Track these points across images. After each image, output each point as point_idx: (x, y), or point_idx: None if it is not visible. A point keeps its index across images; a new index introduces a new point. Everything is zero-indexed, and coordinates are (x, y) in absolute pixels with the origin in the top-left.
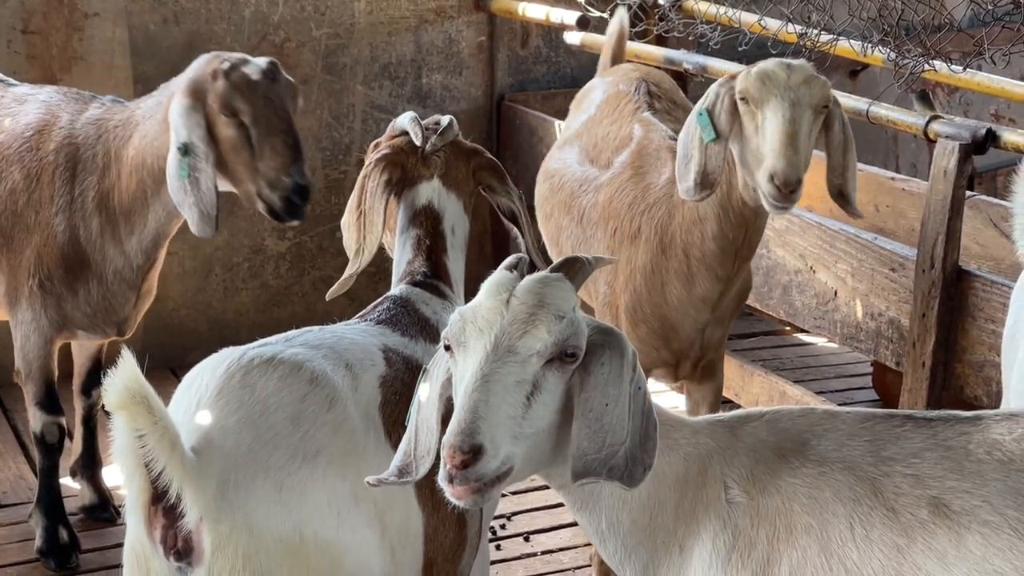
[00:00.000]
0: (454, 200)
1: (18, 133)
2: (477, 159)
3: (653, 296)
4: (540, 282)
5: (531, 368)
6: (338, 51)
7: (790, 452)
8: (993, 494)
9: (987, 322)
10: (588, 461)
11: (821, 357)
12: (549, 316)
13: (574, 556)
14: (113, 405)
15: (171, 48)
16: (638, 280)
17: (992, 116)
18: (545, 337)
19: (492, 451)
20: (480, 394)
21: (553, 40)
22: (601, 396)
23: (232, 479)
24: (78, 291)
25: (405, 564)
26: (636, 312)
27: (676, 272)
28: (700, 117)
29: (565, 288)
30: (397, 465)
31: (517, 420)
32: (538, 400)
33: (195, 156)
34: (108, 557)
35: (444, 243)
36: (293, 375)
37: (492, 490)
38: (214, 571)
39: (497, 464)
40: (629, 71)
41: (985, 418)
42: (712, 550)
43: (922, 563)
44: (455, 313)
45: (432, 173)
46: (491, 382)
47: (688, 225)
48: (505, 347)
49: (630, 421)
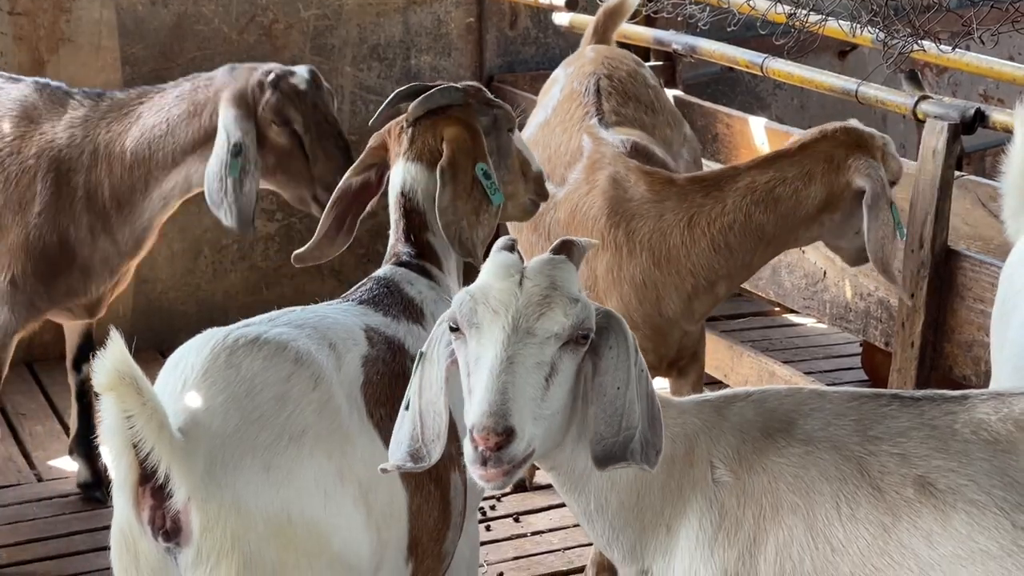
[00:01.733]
0: (427, 175)
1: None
2: (448, 129)
3: (645, 307)
4: (549, 264)
5: (549, 350)
6: (326, 32)
7: (777, 432)
8: (979, 473)
9: (976, 302)
10: (607, 445)
11: (810, 337)
12: (564, 298)
13: (564, 537)
14: (102, 386)
15: (159, 29)
16: (626, 290)
17: (981, 96)
18: (562, 320)
19: (521, 433)
20: (508, 376)
21: (542, 21)
22: (613, 379)
23: (220, 459)
24: (57, 284)
25: (391, 543)
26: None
27: (676, 288)
28: None
29: (572, 270)
30: (407, 451)
31: (538, 402)
32: (555, 382)
33: (246, 159)
34: (97, 539)
35: (423, 219)
36: (278, 355)
37: (518, 472)
38: (202, 551)
39: (525, 445)
40: (585, 63)
41: (971, 398)
42: (699, 529)
43: (908, 541)
44: (463, 293)
45: (400, 151)
46: (515, 363)
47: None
48: (524, 329)
49: (639, 404)
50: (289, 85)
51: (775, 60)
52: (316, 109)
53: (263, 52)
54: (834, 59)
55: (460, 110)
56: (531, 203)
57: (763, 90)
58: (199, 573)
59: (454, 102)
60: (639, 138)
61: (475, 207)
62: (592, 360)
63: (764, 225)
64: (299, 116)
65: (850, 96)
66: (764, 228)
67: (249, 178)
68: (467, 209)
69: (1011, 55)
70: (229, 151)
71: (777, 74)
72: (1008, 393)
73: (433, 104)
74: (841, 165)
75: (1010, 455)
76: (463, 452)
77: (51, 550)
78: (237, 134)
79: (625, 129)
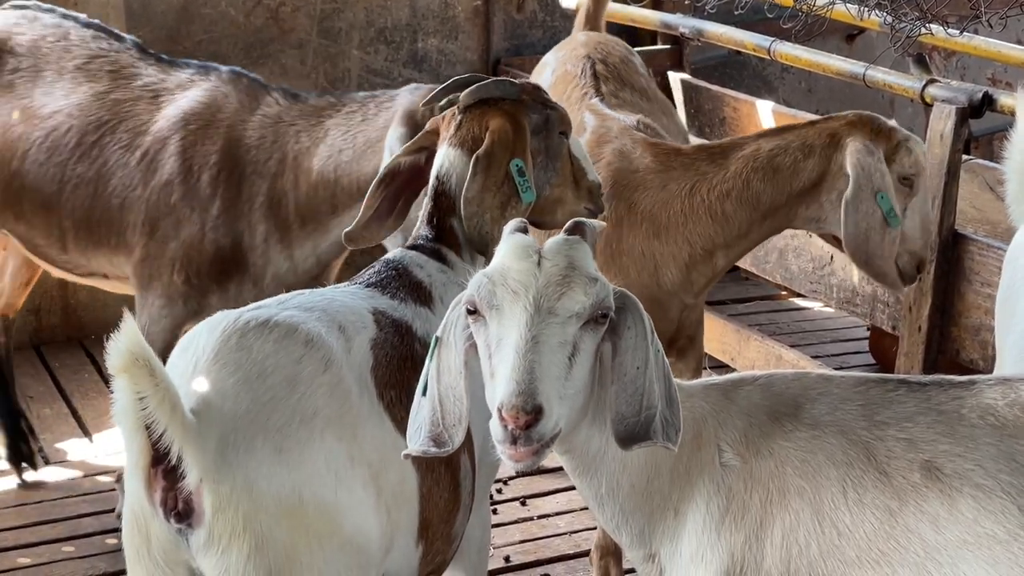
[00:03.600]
0: (464, 161)
1: (179, 123)
2: (494, 120)
3: (643, 278)
4: (566, 244)
5: (571, 329)
6: (333, 15)
7: (783, 416)
8: (985, 458)
9: (983, 286)
10: (629, 425)
11: (817, 321)
12: (583, 278)
13: (570, 520)
14: (115, 368)
15: (166, 13)
16: (624, 262)
17: (989, 80)
18: (583, 299)
19: (549, 411)
20: (534, 355)
21: (549, 4)
22: (632, 359)
23: (232, 440)
24: (228, 288)
25: (401, 525)
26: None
27: (674, 257)
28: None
29: (587, 250)
30: (427, 435)
31: (562, 381)
32: (577, 361)
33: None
34: (105, 521)
35: (452, 204)
36: (289, 337)
37: (547, 451)
38: (215, 532)
39: (553, 424)
40: (578, 47)
41: (978, 383)
42: (706, 513)
43: (914, 526)
44: (480, 276)
45: (447, 136)
46: (540, 343)
47: (705, 221)
48: (546, 309)
49: (658, 384)
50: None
51: (782, 44)
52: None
53: (270, 35)
54: (842, 43)
55: (511, 104)
56: (587, 212)
57: (770, 74)
58: (210, 554)
59: (508, 96)
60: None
61: (503, 202)
62: (611, 340)
63: (760, 194)
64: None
65: (858, 80)
66: (760, 197)
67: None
68: (494, 203)
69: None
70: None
71: (784, 57)
72: (1015, 378)
73: (486, 94)
74: (840, 144)
75: (1017, 440)
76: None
77: (59, 532)
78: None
79: (626, 111)
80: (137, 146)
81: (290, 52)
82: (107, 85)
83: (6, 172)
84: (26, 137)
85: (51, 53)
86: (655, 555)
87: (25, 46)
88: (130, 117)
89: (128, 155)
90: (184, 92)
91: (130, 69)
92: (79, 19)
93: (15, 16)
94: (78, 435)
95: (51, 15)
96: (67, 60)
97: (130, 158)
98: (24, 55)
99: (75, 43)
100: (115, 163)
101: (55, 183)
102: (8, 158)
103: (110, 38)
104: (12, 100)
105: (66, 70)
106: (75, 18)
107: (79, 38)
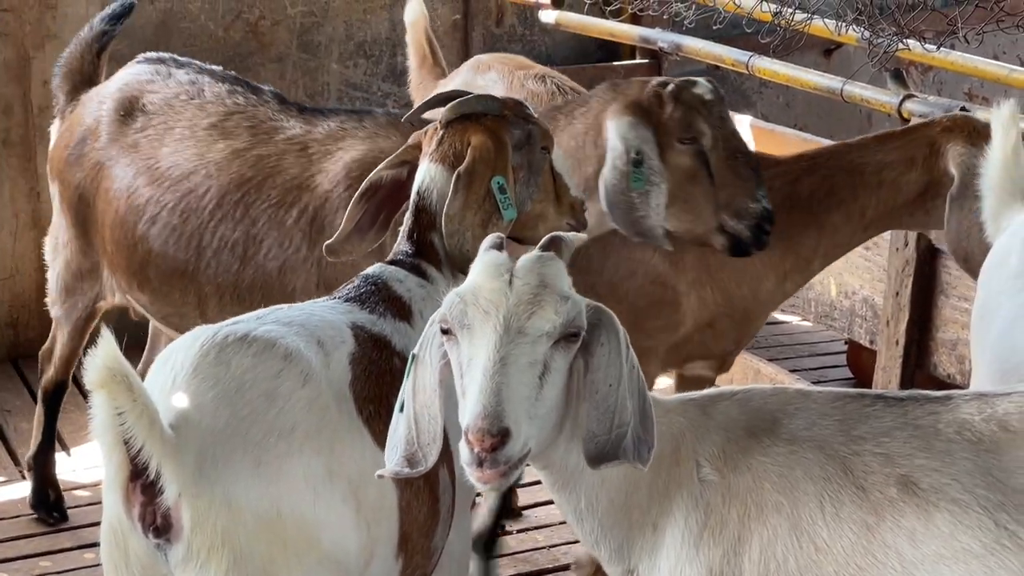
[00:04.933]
0: (445, 177)
1: (342, 176)
2: (475, 136)
3: (743, 291)
4: (538, 261)
5: (541, 349)
6: (313, 29)
7: (761, 431)
8: (962, 473)
9: (960, 300)
10: (600, 443)
11: (795, 336)
12: (554, 297)
13: (548, 534)
14: (93, 383)
15: (145, 26)
16: (723, 277)
17: (965, 95)
18: (553, 318)
19: (516, 433)
20: (501, 376)
21: (528, 19)
22: (605, 377)
23: (210, 455)
24: None
25: (381, 539)
26: (718, 307)
27: (774, 268)
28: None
29: (560, 267)
30: (403, 455)
31: (532, 401)
32: (548, 380)
33: (651, 168)
34: (83, 536)
35: (432, 220)
36: (267, 351)
37: (515, 472)
38: (193, 547)
39: (520, 445)
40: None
41: (955, 398)
42: (684, 528)
43: (891, 540)
44: (452, 295)
45: (428, 151)
46: (508, 364)
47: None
48: (515, 329)
49: (631, 401)
50: (693, 96)
51: (761, 58)
52: (724, 123)
53: (249, 49)
54: (820, 57)
55: (493, 120)
56: (569, 228)
57: (749, 88)
58: (189, 569)
59: (490, 111)
60: None
61: (484, 219)
62: (584, 357)
63: (866, 208)
64: (708, 130)
65: (835, 95)
66: (866, 211)
67: (656, 190)
68: (475, 220)
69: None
70: (630, 161)
71: (763, 72)
72: (992, 393)
73: (468, 109)
74: (940, 151)
75: (993, 455)
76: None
77: (36, 547)
78: (636, 143)
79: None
80: (292, 203)
81: (269, 66)
82: (247, 141)
83: (131, 238)
84: (156, 200)
85: (184, 111)
86: (634, 570)
87: (157, 104)
88: (277, 173)
89: (282, 213)
90: (338, 143)
91: (270, 123)
92: (215, 72)
93: (148, 71)
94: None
95: (186, 71)
96: (201, 118)
97: (285, 217)
98: (155, 113)
99: (210, 100)
100: (266, 223)
101: (192, 248)
102: (133, 223)
103: (247, 91)
104: (137, 161)
105: (199, 127)
106: (211, 72)
107: (214, 94)
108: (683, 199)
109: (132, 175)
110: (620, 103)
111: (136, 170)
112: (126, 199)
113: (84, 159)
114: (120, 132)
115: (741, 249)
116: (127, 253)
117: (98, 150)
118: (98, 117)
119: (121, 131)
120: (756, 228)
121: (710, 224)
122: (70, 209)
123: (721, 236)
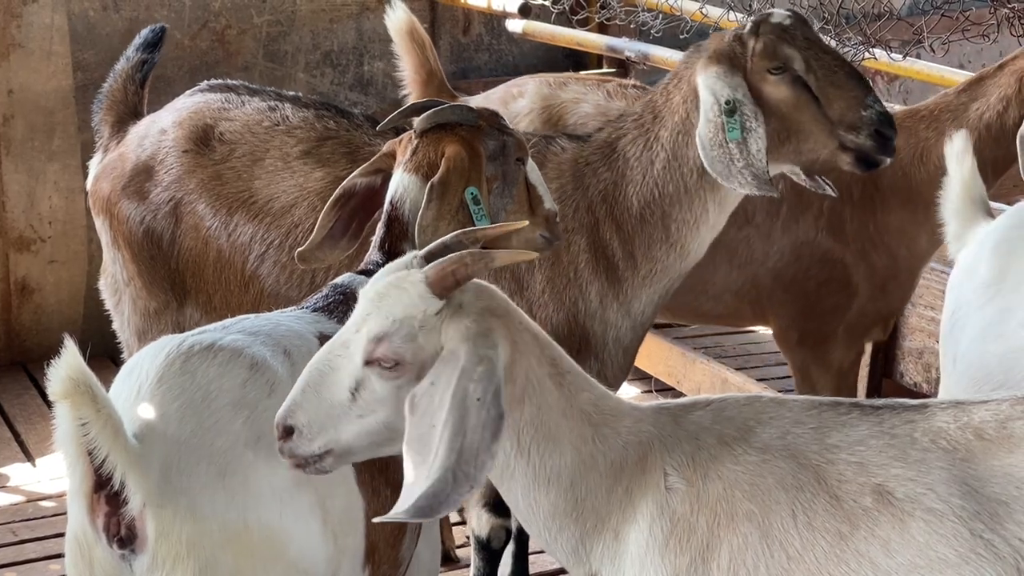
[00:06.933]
0: (418, 187)
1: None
2: (449, 146)
3: (902, 251)
4: (388, 281)
5: (352, 364)
6: (279, 38)
7: (733, 439)
8: (937, 482)
9: (927, 309)
10: (416, 496)
11: (763, 344)
12: (379, 317)
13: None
14: (56, 394)
15: (111, 35)
16: (888, 240)
17: None
18: (361, 338)
19: (308, 433)
20: (309, 378)
21: (495, 28)
22: (428, 418)
23: (176, 465)
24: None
25: (348, 549)
26: (887, 271)
27: (922, 224)
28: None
29: (414, 286)
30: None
31: (341, 408)
32: (363, 397)
33: (744, 115)
34: (48, 547)
35: (405, 230)
36: (233, 361)
37: (320, 465)
38: (158, 557)
39: (315, 447)
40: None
41: (931, 406)
42: (648, 535)
43: (865, 550)
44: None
45: (401, 161)
46: (324, 370)
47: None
48: (342, 341)
49: (461, 437)
50: (772, 25)
51: None
52: (811, 43)
53: (215, 58)
54: None
55: (468, 130)
56: (543, 240)
57: None
58: None
59: (464, 121)
60: None
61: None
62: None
63: (984, 152)
64: (796, 53)
65: None
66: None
67: (754, 136)
68: (448, 231)
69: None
70: (722, 111)
71: None
72: (967, 402)
73: (442, 119)
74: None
75: (969, 464)
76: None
77: (1, 558)
78: (725, 91)
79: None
80: None
81: (236, 75)
82: (346, 168)
83: (241, 278)
84: (261, 239)
85: (271, 139)
86: (596, 574)
87: (237, 132)
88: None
89: None
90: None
91: (368, 149)
92: (298, 99)
93: (220, 99)
94: (21, 460)
95: (261, 98)
96: (291, 146)
97: None
98: (235, 143)
99: (297, 126)
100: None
101: (306, 286)
102: (241, 263)
103: (336, 115)
104: (226, 195)
105: (291, 156)
106: (292, 99)
107: (300, 119)
108: (795, 130)
109: (226, 211)
110: (704, 58)
111: (229, 205)
112: (227, 237)
113: (147, 193)
114: (196, 164)
115: (869, 162)
116: (238, 293)
117: (170, 184)
118: (161, 148)
119: (197, 163)
120: (877, 135)
121: (830, 145)
122: (129, 245)
123: (845, 154)
